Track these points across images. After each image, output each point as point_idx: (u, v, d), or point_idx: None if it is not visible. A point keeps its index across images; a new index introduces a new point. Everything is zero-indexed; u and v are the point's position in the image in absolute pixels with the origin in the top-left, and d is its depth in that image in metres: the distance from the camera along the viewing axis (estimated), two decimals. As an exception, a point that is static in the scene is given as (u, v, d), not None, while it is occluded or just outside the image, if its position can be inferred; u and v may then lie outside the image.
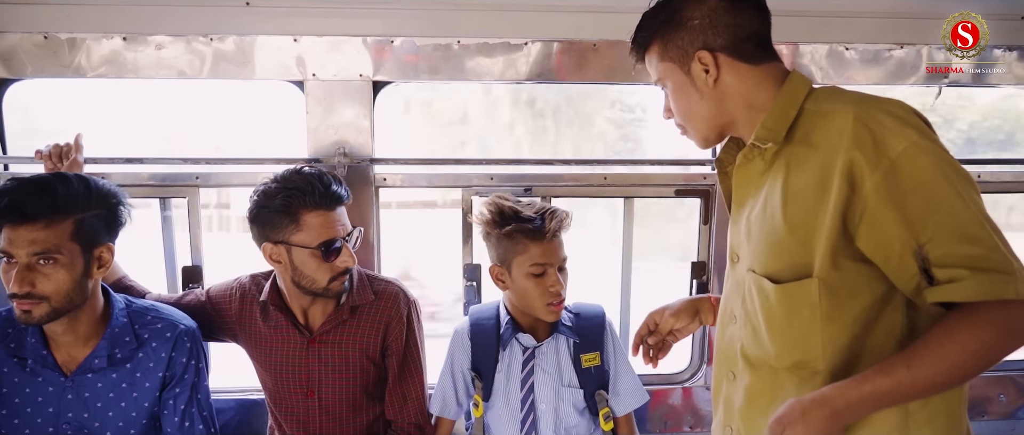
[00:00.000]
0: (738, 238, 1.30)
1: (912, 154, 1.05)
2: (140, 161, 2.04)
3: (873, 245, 1.09)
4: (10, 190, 1.43)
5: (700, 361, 2.34)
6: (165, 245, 2.19)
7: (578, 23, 2.05)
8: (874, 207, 1.07)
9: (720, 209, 2.21)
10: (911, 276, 1.07)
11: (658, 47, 1.29)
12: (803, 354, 1.18)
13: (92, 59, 1.97)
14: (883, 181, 1.06)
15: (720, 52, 1.23)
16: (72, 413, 1.58)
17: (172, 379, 1.64)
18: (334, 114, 2.04)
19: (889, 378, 1.06)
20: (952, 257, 1.03)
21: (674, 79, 1.29)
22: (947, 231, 1.03)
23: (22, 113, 2.14)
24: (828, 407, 1.08)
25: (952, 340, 1.03)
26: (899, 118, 1.09)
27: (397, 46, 2.02)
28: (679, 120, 1.34)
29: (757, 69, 1.24)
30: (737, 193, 1.31)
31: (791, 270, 1.17)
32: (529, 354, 1.78)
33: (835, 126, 1.12)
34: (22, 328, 1.57)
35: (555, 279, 1.70)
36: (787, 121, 1.19)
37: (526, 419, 1.76)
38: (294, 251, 1.64)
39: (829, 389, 1.10)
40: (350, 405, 1.79)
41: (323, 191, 1.62)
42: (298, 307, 1.76)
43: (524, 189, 2.18)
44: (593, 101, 5.10)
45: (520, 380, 1.77)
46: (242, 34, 1.98)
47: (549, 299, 1.71)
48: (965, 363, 1.03)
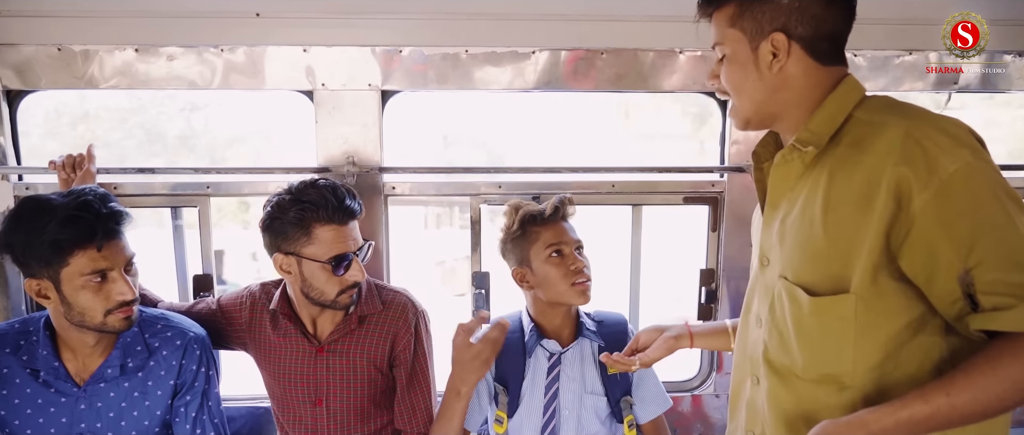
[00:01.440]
0: (769, 241, 1.26)
1: (965, 175, 1.01)
2: (152, 171, 2.06)
3: (917, 266, 1.06)
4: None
5: (710, 369, 2.33)
6: (176, 254, 2.21)
7: (586, 31, 2.05)
8: (921, 227, 1.03)
9: (729, 216, 2.21)
10: (954, 301, 1.04)
11: (733, 10, 1.20)
12: (833, 368, 1.16)
13: (105, 70, 1.99)
14: (933, 201, 1.02)
15: (796, 41, 1.16)
16: (85, 423, 1.59)
17: (183, 386, 1.65)
18: (343, 123, 2.06)
19: (928, 405, 1.03)
20: (1000, 284, 0.99)
21: (736, 50, 1.21)
22: (996, 257, 0.99)
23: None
24: (863, 431, 1.06)
25: (994, 370, 1.00)
26: (953, 137, 1.05)
27: (406, 55, 2.04)
28: (726, 88, 1.26)
29: (823, 70, 1.19)
30: (772, 193, 1.26)
31: (828, 282, 1.14)
32: (554, 360, 1.77)
33: (885, 138, 1.08)
34: (34, 340, 1.58)
35: (574, 257, 1.71)
36: (833, 126, 1.16)
37: (548, 426, 1.74)
38: (304, 263, 1.64)
39: (865, 413, 1.08)
40: (358, 414, 1.79)
41: (337, 205, 1.62)
42: (307, 316, 1.77)
43: (532, 197, 2.18)
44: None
45: (544, 386, 1.75)
46: (252, 45, 2.00)
47: (573, 278, 1.69)
48: (1006, 394, 1.00)
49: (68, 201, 1.45)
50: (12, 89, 2.02)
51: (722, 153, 2.21)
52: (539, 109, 5.23)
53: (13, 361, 1.58)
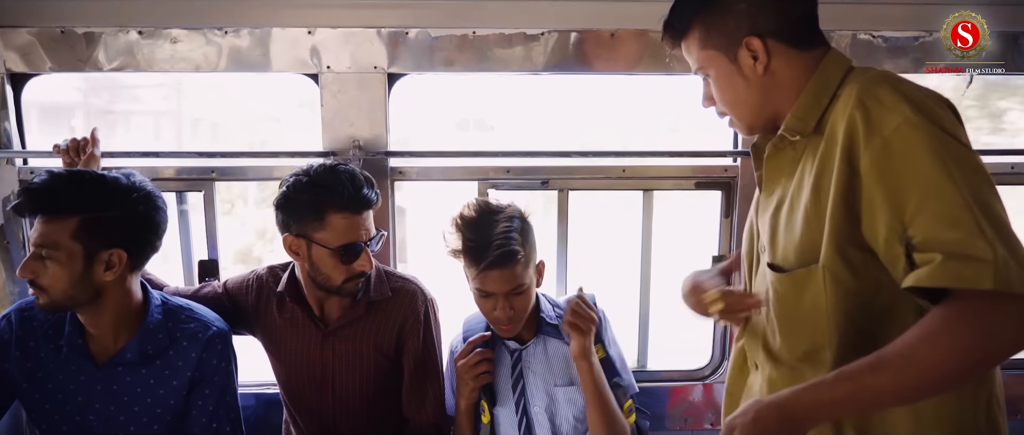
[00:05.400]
0: (765, 229, 1.25)
1: (903, 131, 0.98)
2: (156, 155, 2.04)
3: (868, 229, 1.02)
4: (34, 184, 1.47)
5: (721, 357, 2.29)
6: (182, 239, 2.20)
7: (595, 12, 2.00)
8: (866, 187, 1.01)
9: (742, 202, 2.16)
10: (899, 263, 0.99)
11: (699, 33, 1.19)
12: (810, 344, 1.13)
13: (109, 53, 1.97)
14: (875, 160, 1.00)
15: (770, 37, 1.14)
16: (99, 404, 1.60)
17: (200, 380, 1.63)
18: (349, 107, 2.03)
19: (851, 382, 0.97)
20: (932, 242, 0.94)
21: (718, 67, 1.20)
22: (930, 214, 0.94)
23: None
24: (782, 410, 1.00)
25: (924, 340, 0.94)
26: (900, 93, 1.01)
27: (412, 38, 2.00)
28: (722, 109, 1.25)
29: (808, 55, 1.16)
30: (767, 183, 1.24)
31: (800, 258, 1.11)
32: (516, 357, 1.74)
33: (840, 106, 1.06)
34: (62, 316, 1.60)
35: (500, 305, 1.61)
36: (818, 110, 1.13)
37: (522, 422, 1.72)
38: (314, 248, 1.62)
39: (787, 392, 1.02)
40: (363, 400, 1.78)
41: (353, 193, 1.59)
42: (314, 300, 1.75)
43: (541, 182, 2.15)
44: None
45: (511, 384, 1.73)
46: (257, 27, 1.97)
47: (493, 322, 1.67)
48: (938, 367, 0.93)
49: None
50: (16, 72, 2.00)
51: (735, 136, 2.17)
52: (551, 91, 5.17)
53: (41, 335, 1.61)
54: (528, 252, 1.63)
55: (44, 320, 1.61)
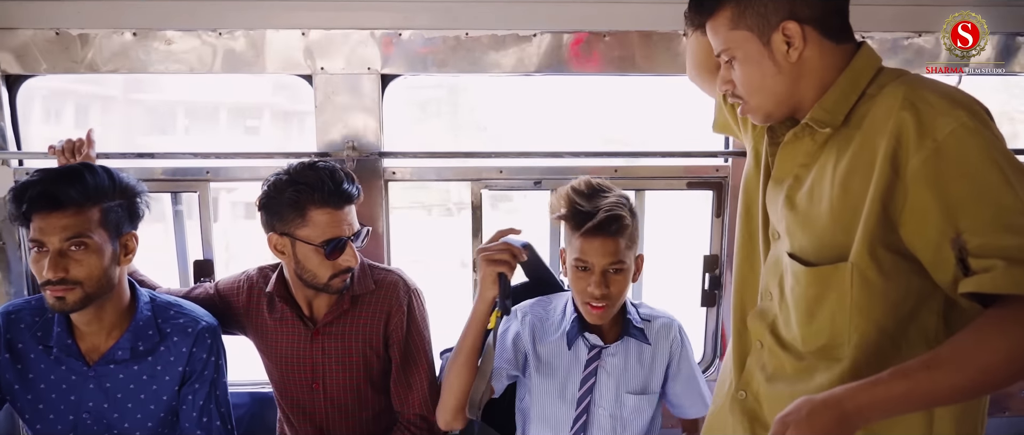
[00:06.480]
0: (776, 215, 1.24)
1: (959, 136, 0.98)
2: (151, 156, 2.05)
3: (913, 233, 1.02)
4: (41, 179, 1.48)
5: (713, 355, 2.31)
6: (177, 239, 2.21)
7: (588, 14, 2.02)
8: (915, 191, 1.00)
9: (733, 201, 2.18)
10: (948, 267, 0.99)
11: (731, 12, 1.15)
12: (829, 339, 1.14)
13: (103, 54, 1.98)
14: (925, 164, 0.99)
15: (808, 24, 1.11)
16: (92, 402, 1.61)
17: (191, 375, 1.65)
18: (343, 108, 2.04)
19: (907, 381, 0.97)
20: (990, 247, 0.94)
21: (747, 50, 1.16)
22: (987, 220, 0.95)
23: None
24: (837, 409, 0.99)
25: (980, 342, 0.95)
26: (950, 99, 1.01)
27: (405, 39, 2.01)
28: (742, 93, 1.21)
29: (838, 48, 1.14)
30: (778, 169, 1.23)
31: (828, 253, 1.11)
32: (594, 354, 1.66)
33: (884, 106, 1.06)
34: (50, 317, 1.61)
35: (595, 281, 1.55)
36: (848, 104, 1.12)
37: (579, 419, 1.66)
38: (298, 245, 1.64)
39: (840, 390, 1.01)
40: (355, 397, 1.79)
41: (333, 189, 1.61)
42: (303, 298, 1.76)
43: (534, 182, 2.17)
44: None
45: (580, 380, 1.66)
46: (251, 28, 1.98)
47: (586, 298, 1.58)
48: (993, 368, 0.94)
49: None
50: (11, 74, 2.01)
51: (726, 137, 2.19)
52: (544, 93, 5.19)
53: (29, 337, 1.62)
54: (634, 230, 1.60)
55: (32, 322, 1.63)
